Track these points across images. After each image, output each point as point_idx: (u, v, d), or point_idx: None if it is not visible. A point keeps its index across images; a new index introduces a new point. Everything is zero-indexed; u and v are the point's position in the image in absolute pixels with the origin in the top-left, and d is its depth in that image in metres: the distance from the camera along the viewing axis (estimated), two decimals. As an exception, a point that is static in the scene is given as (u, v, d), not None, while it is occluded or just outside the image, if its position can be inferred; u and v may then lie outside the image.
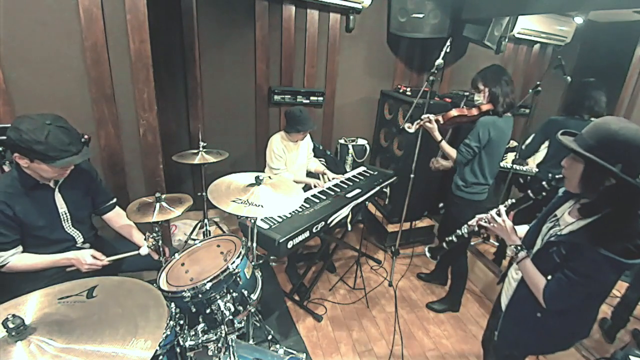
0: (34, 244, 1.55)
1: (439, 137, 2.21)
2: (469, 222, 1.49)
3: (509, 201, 1.37)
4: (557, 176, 1.21)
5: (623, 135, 0.98)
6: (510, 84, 2.06)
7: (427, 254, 1.67)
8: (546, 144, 2.66)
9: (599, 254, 1.02)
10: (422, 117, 2.24)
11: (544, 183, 1.26)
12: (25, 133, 1.32)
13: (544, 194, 1.28)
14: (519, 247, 1.28)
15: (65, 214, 1.62)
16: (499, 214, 1.35)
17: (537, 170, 2.86)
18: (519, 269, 1.28)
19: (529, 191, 1.30)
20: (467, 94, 3.23)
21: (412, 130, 2.26)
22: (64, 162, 1.40)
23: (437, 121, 2.22)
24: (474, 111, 2.14)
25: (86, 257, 1.54)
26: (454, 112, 2.18)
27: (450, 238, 1.56)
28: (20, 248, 1.51)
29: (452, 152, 2.19)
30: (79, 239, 1.70)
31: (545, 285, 1.17)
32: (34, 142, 1.33)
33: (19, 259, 1.49)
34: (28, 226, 1.50)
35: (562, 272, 1.12)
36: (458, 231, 1.53)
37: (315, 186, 2.52)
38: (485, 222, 1.40)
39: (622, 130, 0.99)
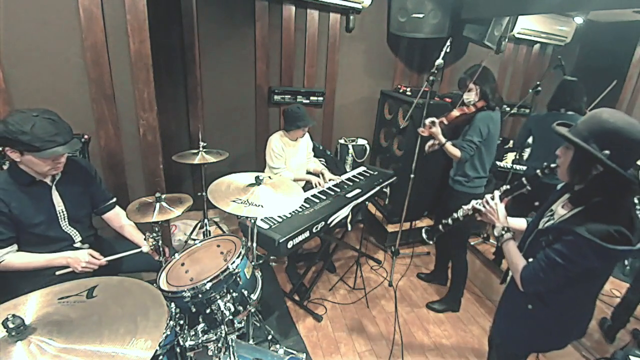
0: (30, 241, 1.55)
1: (443, 139, 2.22)
2: (465, 206, 1.52)
3: (504, 187, 1.40)
4: (551, 165, 1.22)
5: (613, 124, 1.00)
6: (495, 81, 2.17)
7: (424, 235, 1.71)
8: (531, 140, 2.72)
9: (579, 236, 1.03)
10: (426, 122, 2.24)
11: (537, 171, 1.28)
12: (11, 124, 1.33)
13: (540, 175, 1.29)
14: (505, 229, 1.31)
15: (63, 212, 1.61)
16: (493, 199, 1.39)
17: (525, 167, 2.88)
18: (503, 251, 1.31)
19: (523, 178, 1.33)
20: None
21: (426, 134, 2.27)
22: (50, 153, 1.38)
23: (441, 123, 2.25)
24: (472, 108, 2.19)
25: (83, 256, 1.53)
26: (456, 112, 2.22)
27: (446, 221, 1.58)
28: (15, 246, 1.51)
29: (456, 151, 2.20)
30: (76, 238, 1.69)
31: (525, 266, 1.19)
32: (20, 132, 1.33)
33: (14, 257, 1.49)
34: (24, 223, 1.50)
35: (544, 252, 1.14)
36: (454, 214, 1.55)
37: (316, 185, 2.51)
38: (480, 205, 1.43)
39: (613, 119, 1.01)
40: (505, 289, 1.39)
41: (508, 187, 1.38)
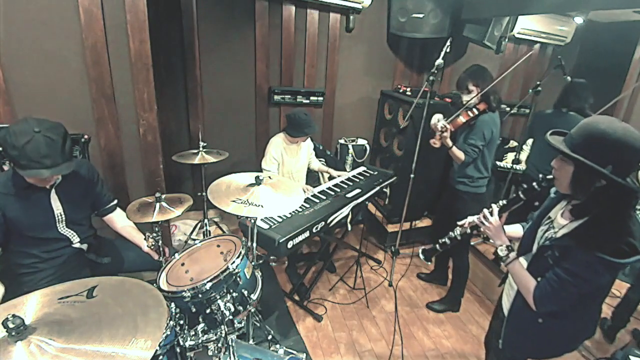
0: (26, 243, 1.55)
1: (450, 143, 2.20)
2: (460, 224, 1.48)
3: (501, 202, 1.36)
4: (547, 177, 1.19)
5: (613, 135, 0.97)
6: (493, 81, 2.14)
7: (421, 256, 1.64)
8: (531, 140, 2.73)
9: (591, 255, 1.01)
10: (438, 126, 2.17)
11: (534, 184, 1.24)
12: (9, 135, 1.31)
13: (535, 201, 1.27)
14: (509, 247, 1.27)
15: (61, 214, 1.60)
16: (491, 214, 1.34)
17: (525, 167, 2.88)
18: (509, 271, 1.27)
19: (520, 192, 1.29)
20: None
21: (438, 145, 2.21)
22: (31, 173, 1.35)
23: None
24: (475, 111, 2.17)
25: None
26: (462, 119, 2.19)
27: (443, 240, 1.54)
28: None
29: (461, 154, 2.19)
30: (74, 239, 1.69)
31: (536, 286, 1.16)
32: (11, 146, 1.31)
33: None
34: (19, 226, 1.49)
35: (554, 272, 1.11)
36: (451, 233, 1.51)
37: (305, 191, 2.41)
38: (479, 221, 1.39)
39: (611, 130, 0.98)
40: (512, 302, 1.35)
41: (505, 202, 1.34)
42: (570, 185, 1.09)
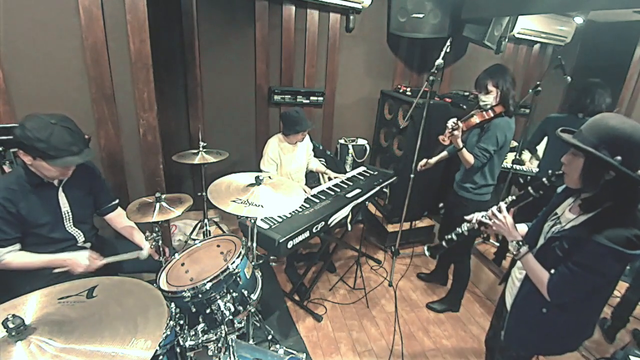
0: (34, 242, 1.56)
1: (461, 144, 2.08)
2: (468, 219, 1.48)
3: (510, 198, 1.36)
4: (557, 172, 1.21)
5: (622, 130, 1.01)
6: (514, 83, 2.01)
7: (427, 253, 1.64)
8: (545, 141, 2.68)
9: (601, 246, 1.03)
10: (448, 124, 2.06)
11: (544, 179, 1.25)
12: (29, 131, 1.35)
13: (541, 192, 1.28)
14: (520, 243, 1.28)
15: (68, 213, 1.63)
16: (499, 211, 1.34)
17: (537, 170, 2.87)
18: (522, 265, 1.28)
19: (529, 188, 1.30)
20: (466, 93, 3.24)
21: (447, 143, 2.10)
22: (63, 162, 1.41)
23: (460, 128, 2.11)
24: (490, 113, 2.04)
25: (82, 258, 1.53)
26: (476, 119, 2.07)
27: (450, 236, 1.53)
28: (17, 246, 1.51)
29: (470, 158, 2.08)
30: (80, 238, 1.70)
31: (549, 279, 1.18)
32: (37, 140, 1.35)
33: (14, 257, 1.49)
34: (30, 224, 1.51)
35: (566, 265, 1.13)
36: (458, 229, 1.50)
37: (305, 192, 2.39)
38: (486, 218, 1.40)
39: (621, 124, 1.02)
40: (516, 295, 1.35)
41: (514, 197, 1.34)
42: (580, 178, 1.12)
